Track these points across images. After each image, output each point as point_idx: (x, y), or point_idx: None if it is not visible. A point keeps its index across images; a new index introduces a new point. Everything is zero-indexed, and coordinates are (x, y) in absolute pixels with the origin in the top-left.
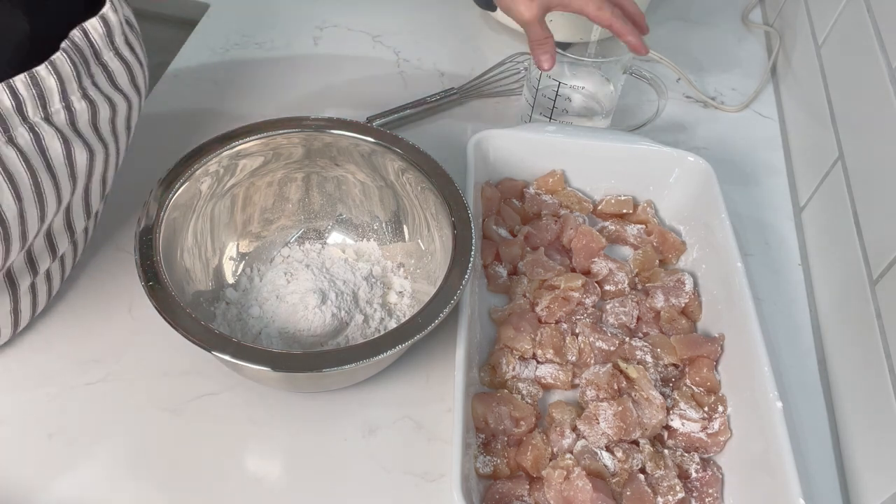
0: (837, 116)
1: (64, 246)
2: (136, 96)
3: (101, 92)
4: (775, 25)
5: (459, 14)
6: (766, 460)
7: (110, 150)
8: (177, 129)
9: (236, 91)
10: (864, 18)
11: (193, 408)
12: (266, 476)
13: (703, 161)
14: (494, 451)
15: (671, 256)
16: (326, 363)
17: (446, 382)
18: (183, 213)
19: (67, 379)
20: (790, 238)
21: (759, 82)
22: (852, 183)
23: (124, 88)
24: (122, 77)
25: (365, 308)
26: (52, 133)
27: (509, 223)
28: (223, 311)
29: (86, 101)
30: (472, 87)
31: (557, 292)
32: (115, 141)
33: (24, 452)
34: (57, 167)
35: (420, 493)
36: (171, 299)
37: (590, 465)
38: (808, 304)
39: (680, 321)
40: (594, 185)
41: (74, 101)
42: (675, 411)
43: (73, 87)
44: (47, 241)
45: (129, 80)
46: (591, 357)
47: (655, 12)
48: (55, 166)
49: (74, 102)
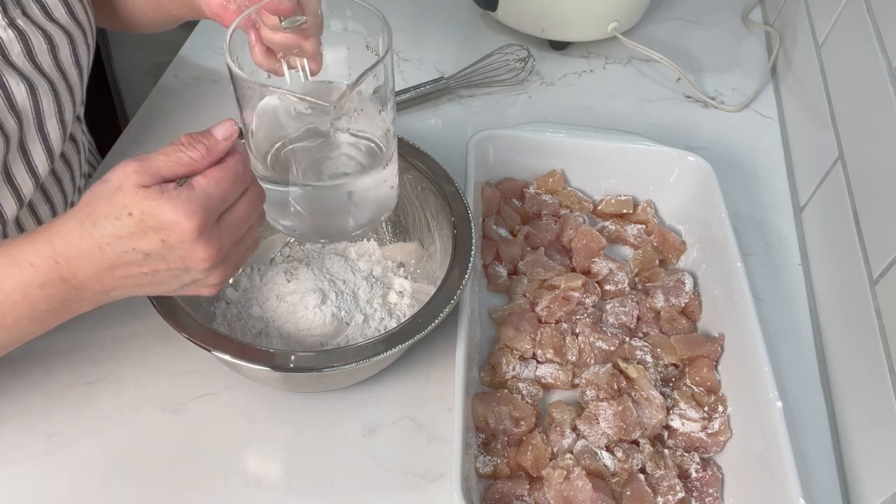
0: (837, 116)
1: (29, 190)
2: (79, 31)
3: (34, 23)
4: (775, 25)
5: (459, 14)
6: (766, 460)
7: (58, 87)
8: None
9: None
10: (864, 18)
11: (193, 408)
12: (266, 476)
13: (703, 161)
14: (494, 451)
15: (671, 256)
16: (326, 363)
17: (446, 382)
18: None
19: (67, 378)
20: (790, 238)
21: (759, 82)
22: (852, 183)
23: (62, 21)
24: (57, 9)
25: (365, 308)
26: None
27: (509, 223)
28: (223, 311)
29: (13, 31)
30: (463, 77)
31: (557, 292)
32: (64, 78)
33: (24, 452)
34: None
35: (420, 493)
36: (171, 299)
37: (590, 465)
38: (808, 304)
39: (680, 321)
40: (594, 185)
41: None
42: (675, 411)
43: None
44: (8, 183)
45: (66, 12)
46: (591, 357)
47: (655, 12)
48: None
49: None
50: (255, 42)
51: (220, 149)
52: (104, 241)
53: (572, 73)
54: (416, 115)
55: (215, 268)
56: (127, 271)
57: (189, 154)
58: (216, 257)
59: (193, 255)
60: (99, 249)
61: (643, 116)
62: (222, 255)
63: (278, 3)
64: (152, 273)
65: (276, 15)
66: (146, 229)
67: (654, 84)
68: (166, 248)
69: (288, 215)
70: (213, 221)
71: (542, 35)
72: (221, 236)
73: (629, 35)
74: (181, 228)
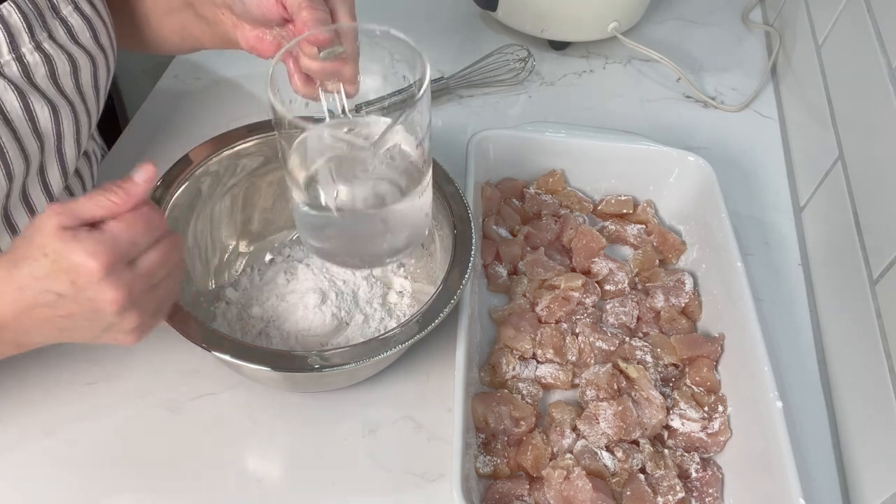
0: (837, 116)
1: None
2: (101, 55)
3: (60, 46)
4: (775, 25)
5: (459, 14)
6: (766, 460)
7: (78, 109)
8: (176, 129)
9: (236, 91)
10: (864, 18)
11: (193, 408)
12: (266, 476)
13: (703, 161)
14: (494, 451)
15: (671, 256)
16: (326, 363)
17: (446, 382)
18: (183, 213)
19: (67, 378)
20: (790, 238)
21: (759, 82)
22: (852, 183)
23: (86, 45)
24: (83, 34)
25: (365, 308)
26: (5, 85)
27: (509, 223)
28: (223, 311)
29: (40, 54)
30: (463, 77)
31: (557, 292)
32: (83, 100)
33: (25, 452)
34: (15, 121)
35: (420, 493)
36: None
37: (590, 465)
38: (808, 304)
39: (680, 321)
40: (594, 185)
41: (27, 54)
42: (675, 411)
43: (23, 39)
44: (24, 203)
45: (91, 36)
46: (591, 357)
47: (655, 12)
48: (13, 120)
49: (27, 55)
50: (293, 71)
51: (138, 191)
52: (22, 281)
53: (572, 73)
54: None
55: (127, 311)
56: (42, 313)
57: (109, 198)
58: (126, 299)
59: (101, 296)
60: (18, 290)
61: (643, 116)
62: (132, 299)
63: (317, 35)
64: (67, 316)
65: (315, 46)
66: (58, 270)
67: (654, 84)
68: (76, 290)
69: (324, 239)
70: (123, 264)
71: (542, 35)
72: (133, 280)
73: (629, 35)
74: (87, 269)
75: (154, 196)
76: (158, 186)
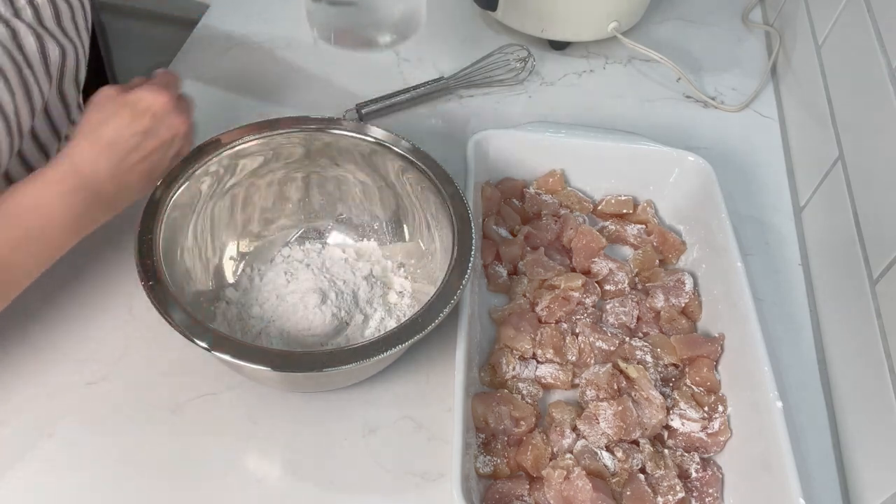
0: (837, 116)
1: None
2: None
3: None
4: (775, 25)
5: (459, 14)
6: (766, 460)
7: (78, 49)
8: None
9: (236, 91)
10: (864, 18)
11: (193, 408)
12: (266, 476)
13: (703, 161)
14: (494, 451)
15: (671, 256)
16: (326, 363)
17: (446, 382)
18: (183, 213)
19: (67, 378)
20: (790, 238)
21: (759, 82)
22: (852, 183)
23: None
24: None
25: (365, 308)
26: (26, 29)
27: (509, 223)
28: (223, 311)
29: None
30: (463, 76)
31: (557, 292)
32: (80, 39)
33: (24, 452)
34: (34, 63)
35: (420, 493)
36: (171, 299)
37: (590, 464)
38: (808, 304)
39: (680, 321)
40: (594, 185)
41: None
42: (675, 411)
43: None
44: (36, 144)
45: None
46: (591, 357)
47: (655, 12)
48: (33, 63)
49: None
50: None
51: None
52: (110, 136)
53: (572, 73)
54: (416, 115)
55: (189, 131)
56: (132, 159)
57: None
58: (189, 120)
59: (176, 120)
60: (109, 146)
61: (643, 116)
62: (190, 124)
63: None
64: (152, 152)
65: None
66: (138, 113)
67: (654, 84)
68: (156, 121)
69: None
70: (177, 98)
71: (542, 35)
72: (186, 108)
73: (629, 35)
74: (160, 101)
75: (154, 196)
76: (158, 186)
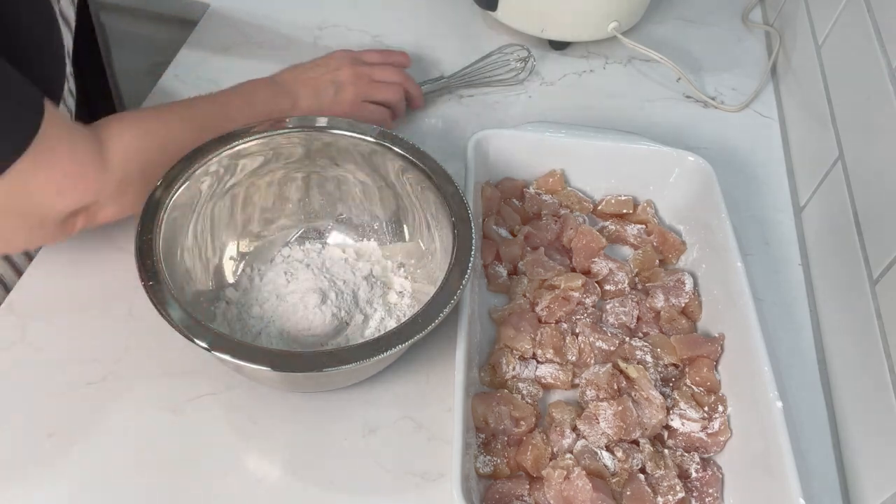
0: (837, 116)
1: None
2: None
3: None
4: (775, 25)
5: (459, 14)
6: (766, 460)
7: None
8: None
9: None
10: (864, 18)
11: (193, 408)
12: (266, 476)
13: (703, 161)
14: (494, 451)
15: (671, 256)
16: (326, 363)
17: (446, 382)
18: (183, 213)
19: (68, 379)
20: (790, 238)
21: (759, 82)
22: (852, 183)
23: None
24: None
25: (365, 308)
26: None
27: (509, 223)
28: (223, 311)
29: None
30: (463, 76)
31: (557, 292)
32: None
33: (25, 452)
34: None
35: (420, 493)
36: (171, 299)
37: (590, 464)
38: (808, 304)
39: (680, 321)
40: (594, 185)
41: None
42: (675, 411)
43: None
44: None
45: None
46: (591, 357)
47: (655, 12)
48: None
49: None
50: None
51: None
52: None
53: (572, 73)
54: (416, 115)
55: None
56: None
57: None
58: (354, 75)
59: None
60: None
61: (643, 116)
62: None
63: None
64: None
65: None
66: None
67: (654, 84)
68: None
69: None
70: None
71: (542, 35)
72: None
73: (629, 35)
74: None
75: (154, 196)
76: (158, 186)
